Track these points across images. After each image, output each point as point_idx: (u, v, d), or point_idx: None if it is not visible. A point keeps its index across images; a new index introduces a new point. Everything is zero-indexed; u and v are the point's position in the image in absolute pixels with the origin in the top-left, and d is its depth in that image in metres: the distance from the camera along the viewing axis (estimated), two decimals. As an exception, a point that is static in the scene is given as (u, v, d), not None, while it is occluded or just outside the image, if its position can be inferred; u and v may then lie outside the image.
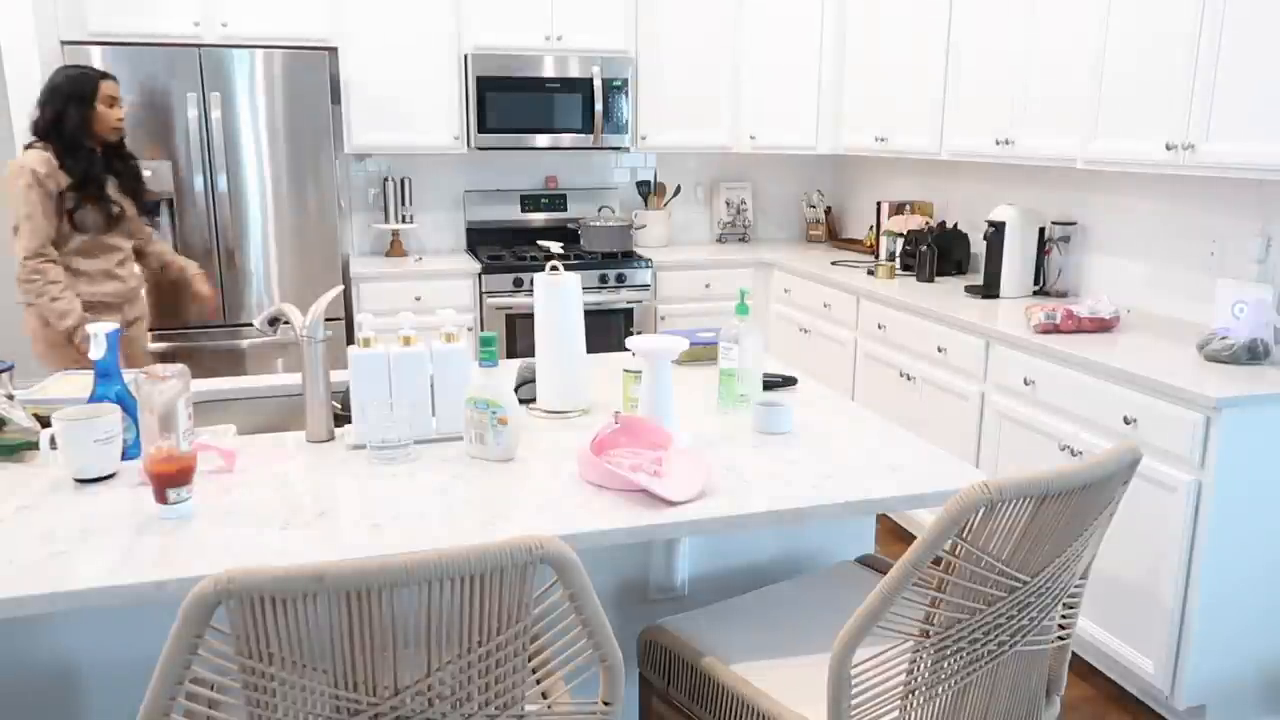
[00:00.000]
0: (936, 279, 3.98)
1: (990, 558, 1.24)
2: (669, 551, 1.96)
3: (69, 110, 2.92)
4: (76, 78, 2.97)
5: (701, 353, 2.52)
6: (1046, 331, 2.98)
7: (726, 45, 4.79)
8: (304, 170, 4.08)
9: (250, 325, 4.15)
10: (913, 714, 1.31)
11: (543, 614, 1.14)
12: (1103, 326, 3.00)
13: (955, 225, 4.16)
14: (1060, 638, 1.47)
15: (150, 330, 4.02)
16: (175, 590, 1.33)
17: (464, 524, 1.52)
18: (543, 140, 4.55)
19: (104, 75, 3.01)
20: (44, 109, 2.95)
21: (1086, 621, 2.74)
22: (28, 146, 2.96)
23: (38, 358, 3.01)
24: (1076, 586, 1.43)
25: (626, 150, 4.98)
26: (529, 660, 1.15)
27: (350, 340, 4.33)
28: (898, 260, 4.32)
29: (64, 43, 3.77)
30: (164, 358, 4.02)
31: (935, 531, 1.19)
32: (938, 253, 3.96)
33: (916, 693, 1.30)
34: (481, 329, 4.40)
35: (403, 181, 4.66)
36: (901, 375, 3.63)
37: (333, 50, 4.19)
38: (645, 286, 4.55)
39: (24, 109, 3.86)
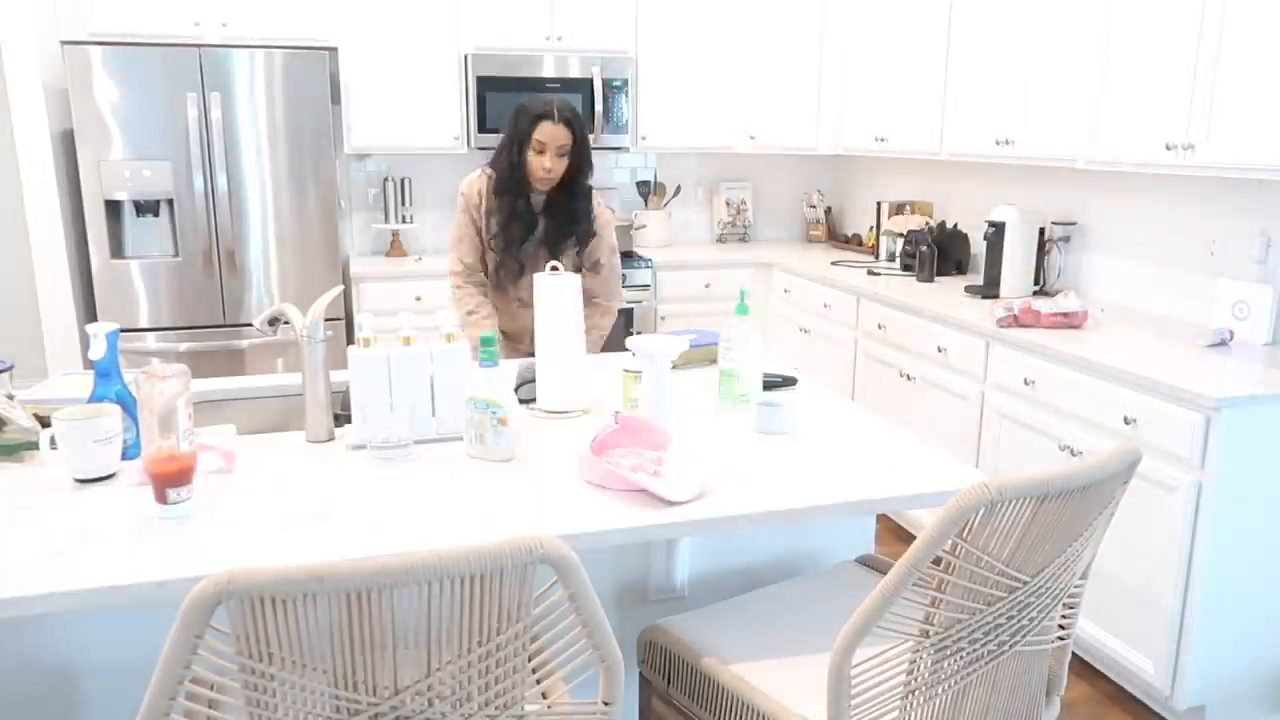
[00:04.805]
0: (936, 279, 3.98)
1: (990, 558, 1.24)
2: (669, 551, 1.96)
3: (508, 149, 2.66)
4: (516, 113, 2.65)
5: (701, 353, 2.52)
6: (1008, 325, 3.00)
7: (726, 45, 4.79)
8: (304, 170, 4.08)
9: (250, 325, 4.15)
10: (913, 714, 1.31)
11: (543, 614, 1.14)
12: (1068, 323, 3.00)
13: (955, 225, 4.16)
14: (1060, 638, 1.47)
15: (151, 330, 4.03)
16: (175, 590, 1.33)
17: (464, 524, 1.52)
18: (543, 140, 4.54)
19: (542, 115, 2.58)
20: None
21: (1086, 621, 2.74)
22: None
23: None
24: (1076, 587, 1.43)
25: (626, 150, 4.98)
26: (529, 660, 1.15)
27: (350, 340, 4.33)
28: (898, 260, 4.33)
29: (64, 43, 3.77)
30: (164, 358, 4.02)
31: (935, 531, 1.19)
32: (938, 253, 3.96)
33: (916, 693, 1.30)
34: (481, 329, 4.40)
35: (403, 181, 4.66)
36: (901, 375, 3.63)
37: (333, 50, 4.19)
38: (645, 286, 4.55)
39: (24, 109, 3.87)
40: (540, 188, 2.68)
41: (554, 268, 2.19)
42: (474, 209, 2.75)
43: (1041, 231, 3.58)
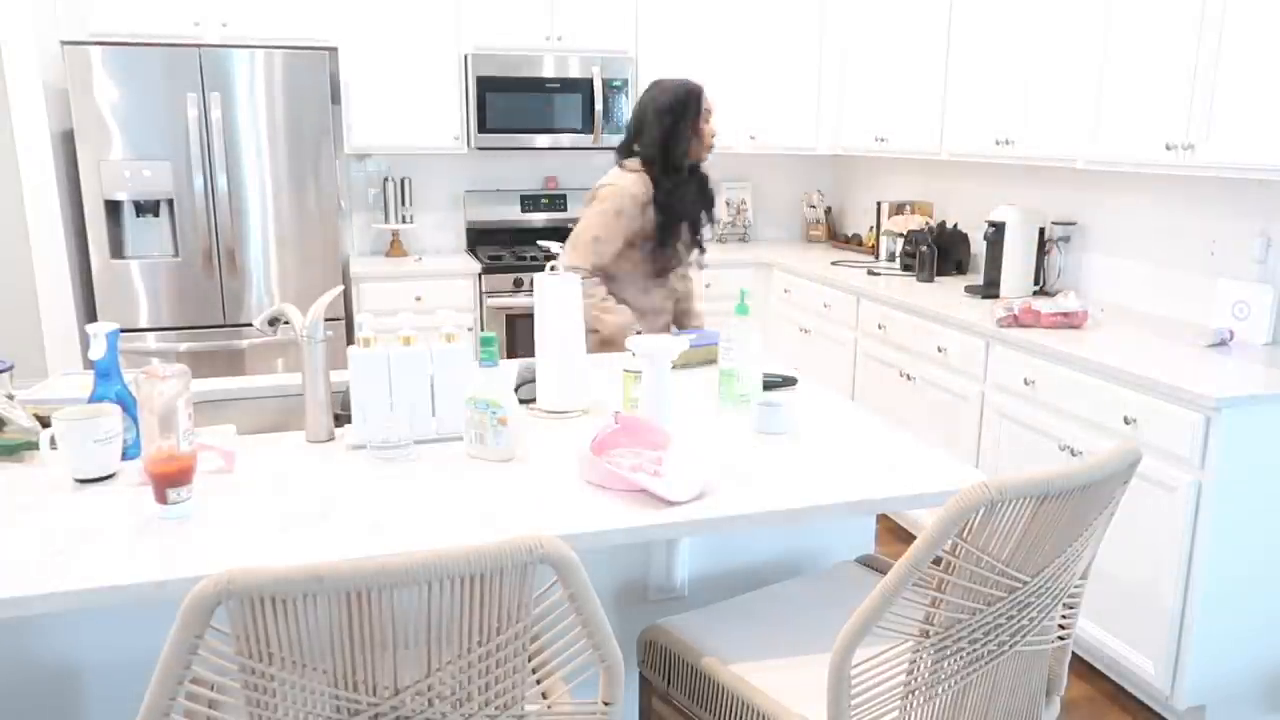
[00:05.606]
0: (936, 279, 3.98)
1: (990, 558, 1.24)
2: (669, 551, 1.96)
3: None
4: (683, 98, 2.71)
5: (701, 353, 2.52)
6: (1008, 325, 3.00)
7: (726, 45, 4.79)
8: (304, 170, 4.08)
9: (250, 325, 4.15)
10: (913, 714, 1.31)
11: (543, 614, 1.14)
12: (1068, 323, 3.00)
13: (955, 225, 4.16)
14: (1060, 638, 1.47)
15: (151, 330, 4.03)
16: (175, 590, 1.33)
17: (464, 524, 1.52)
18: (543, 140, 4.55)
19: (698, 89, 2.74)
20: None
21: (1086, 621, 2.74)
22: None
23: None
24: (1076, 587, 1.43)
25: (626, 150, 4.97)
26: (529, 660, 1.15)
27: (350, 340, 4.33)
28: (898, 260, 4.33)
29: (64, 43, 3.77)
30: (164, 357, 4.02)
31: (935, 531, 1.19)
32: (938, 253, 3.96)
33: (916, 693, 1.30)
34: (481, 329, 4.40)
35: (403, 181, 4.66)
36: (901, 375, 3.63)
37: (333, 50, 4.19)
38: (645, 286, 4.54)
39: (24, 109, 3.87)
40: (707, 156, 2.77)
41: (554, 268, 2.19)
42: (643, 209, 2.73)
43: (1041, 231, 3.58)
